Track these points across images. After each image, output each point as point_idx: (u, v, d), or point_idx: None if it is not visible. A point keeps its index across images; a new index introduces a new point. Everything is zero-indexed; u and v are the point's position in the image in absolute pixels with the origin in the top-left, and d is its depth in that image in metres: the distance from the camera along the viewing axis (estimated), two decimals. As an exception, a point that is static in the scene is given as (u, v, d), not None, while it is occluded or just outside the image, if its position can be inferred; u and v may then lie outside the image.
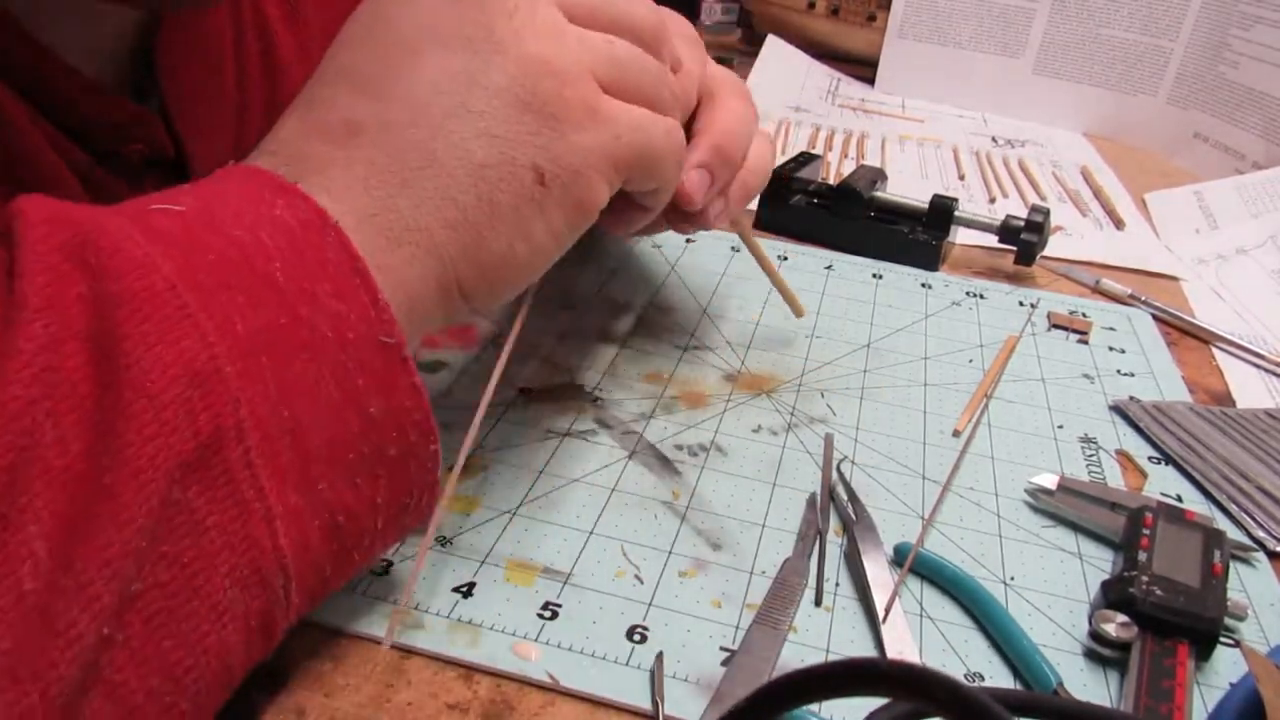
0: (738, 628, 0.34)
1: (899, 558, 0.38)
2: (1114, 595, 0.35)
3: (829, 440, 0.44)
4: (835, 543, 0.39)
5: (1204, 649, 0.34)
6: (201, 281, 0.25)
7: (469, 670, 0.32)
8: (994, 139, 0.99)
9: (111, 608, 0.22)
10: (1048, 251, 0.66)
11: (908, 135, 0.97)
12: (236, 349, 0.25)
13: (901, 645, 0.34)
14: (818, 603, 0.36)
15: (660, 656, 0.32)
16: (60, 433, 0.22)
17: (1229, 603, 0.36)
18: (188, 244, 0.25)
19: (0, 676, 0.20)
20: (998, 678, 0.34)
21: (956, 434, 0.47)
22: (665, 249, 0.64)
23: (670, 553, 0.37)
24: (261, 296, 0.26)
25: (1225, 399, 0.54)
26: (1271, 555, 0.41)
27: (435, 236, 0.30)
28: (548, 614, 0.34)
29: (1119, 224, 0.78)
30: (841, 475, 0.42)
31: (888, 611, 0.35)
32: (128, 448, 0.22)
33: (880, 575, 0.36)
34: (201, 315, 0.24)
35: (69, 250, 0.24)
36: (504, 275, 0.32)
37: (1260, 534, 0.42)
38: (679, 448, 0.44)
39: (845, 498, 0.41)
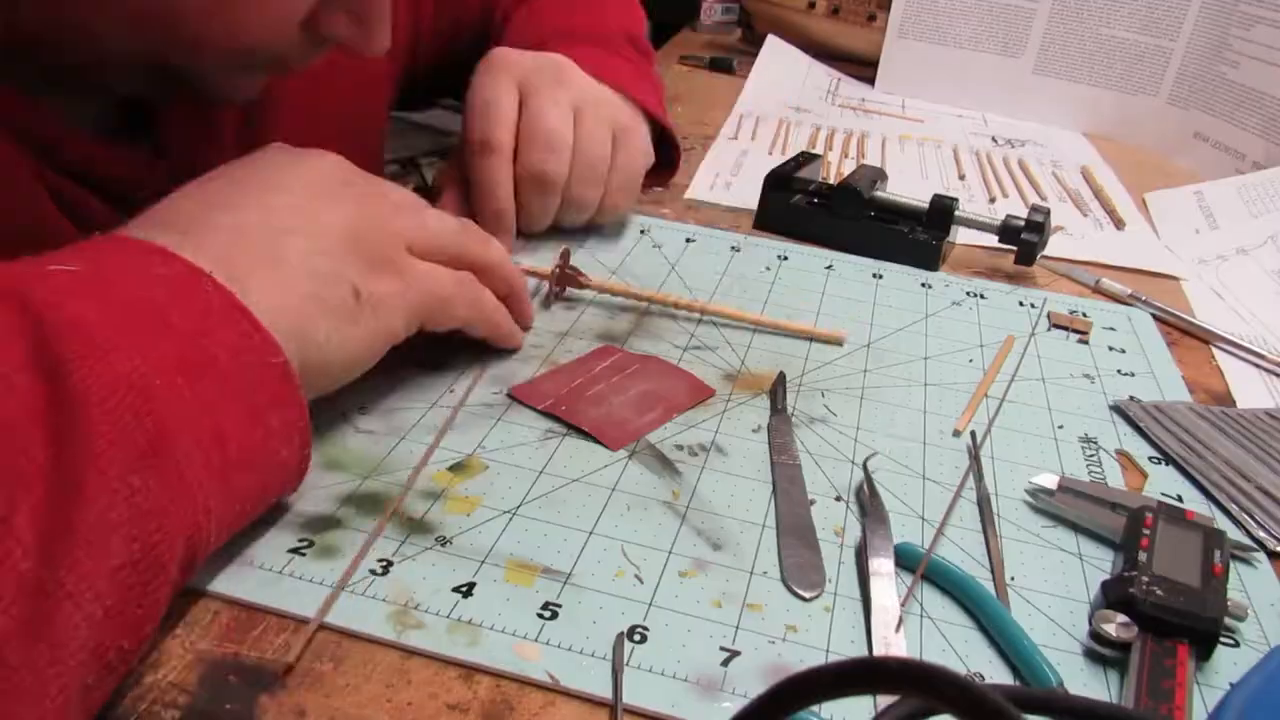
0: (738, 628, 0.34)
1: (900, 558, 0.38)
2: (1114, 595, 0.35)
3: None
4: (834, 542, 0.39)
5: (1204, 649, 0.34)
6: (116, 321, 0.30)
7: (469, 670, 0.32)
8: (994, 139, 0.99)
9: (96, 573, 0.26)
10: (1048, 251, 0.66)
11: (908, 135, 0.97)
12: (158, 368, 0.30)
13: (897, 646, 0.34)
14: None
15: (620, 638, 0.33)
16: (25, 444, 0.26)
17: (1229, 603, 0.36)
18: (98, 294, 0.31)
19: (11, 639, 0.24)
20: (998, 678, 0.33)
21: (957, 434, 0.47)
22: (665, 249, 0.64)
23: (670, 553, 0.37)
24: (165, 333, 0.31)
25: (1225, 399, 0.54)
26: (1271, 555, 0.41)
27: (279, 317, 0.36)
28: (548, 614, 0.34)
29: (1119, 224, 0.78)
30: (867, 471, 0.42)
31: (899, 625, 0.35)
32: (89, 447, 0.27)
33: (884, 578, 0.36)
34: (124, 344, 0.29)
35: (10, 299, 0.29)
36: (321, 365, 0.38)
37: (1260, 534, 0.42)
38: (679, 448, 0.44)
39: (867, 492, 0.41)
